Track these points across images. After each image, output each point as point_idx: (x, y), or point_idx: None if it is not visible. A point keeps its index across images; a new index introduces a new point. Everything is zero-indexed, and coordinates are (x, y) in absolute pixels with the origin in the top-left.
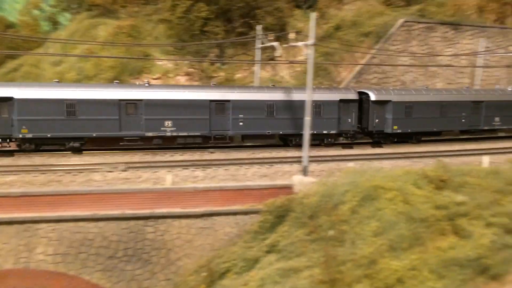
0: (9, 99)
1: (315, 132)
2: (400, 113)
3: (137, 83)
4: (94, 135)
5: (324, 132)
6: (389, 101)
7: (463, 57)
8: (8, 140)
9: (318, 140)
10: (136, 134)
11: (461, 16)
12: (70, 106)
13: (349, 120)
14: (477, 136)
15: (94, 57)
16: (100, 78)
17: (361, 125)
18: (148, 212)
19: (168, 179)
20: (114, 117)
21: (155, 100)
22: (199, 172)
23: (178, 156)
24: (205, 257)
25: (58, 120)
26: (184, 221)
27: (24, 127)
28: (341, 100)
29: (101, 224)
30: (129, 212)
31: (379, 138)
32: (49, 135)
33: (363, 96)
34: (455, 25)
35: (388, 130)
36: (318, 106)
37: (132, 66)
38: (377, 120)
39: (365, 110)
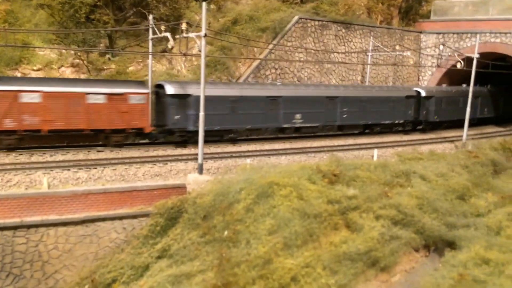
0: (187, 96)
1: (389, 121)
2: (438, 106)
3: (269, 81)
4: (248, 127)
5: (396, 122)
6: (433, 96)
7: (355, 55)
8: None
9: (389, 128)
10: (275, 126)
11: (352, 16)
12: (232, 102)
13: (410, 112)
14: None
15: None
16: None
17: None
18: (17, 221)
19: (43, 182)
20: (261, 112)
21: (290, 97)
22: (82, 173)
23: (59, 156)
24: (87, 267)
25: (224, 114)
26: (61, 229)
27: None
28: (406, 96)
29: None
30: None
31: (425, 125)
32: (217, 128)
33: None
34: (347, 24)
35: (431, 119)
36: (392, 101)
37: (8, 56)
38: (424, 112)
39: (417, 103)
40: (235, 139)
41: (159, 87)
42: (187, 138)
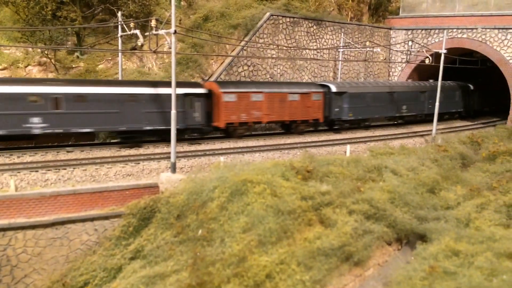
0: (344, 93)
1: (454, 110)
2: (481, 97)
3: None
4: (376, 116)
5: (458, 110)
6: (478, 89)
7: (326, 51)
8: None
9: (451, 115)
10: (391, 115)
11: (323, 12)
12: (368, 97)
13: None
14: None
15: None
16: None
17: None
18: None
19: (11, 184)
20: (384, 104)
21: (400, 92)
22: (51, 175)
23: (27, 157)
24: (58, 271)
25: (363, 107)
26: (30, 232)
27: (351, 112)
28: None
29: None
30: None
31: (472, 113)
32: (359, 117)
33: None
34: (318, 21)
35: (475, 108)
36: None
37: None
38: (472, 102)
39: (467, 95)
40: (368, 126)
41: (323, 86)
42: (340, 126)
